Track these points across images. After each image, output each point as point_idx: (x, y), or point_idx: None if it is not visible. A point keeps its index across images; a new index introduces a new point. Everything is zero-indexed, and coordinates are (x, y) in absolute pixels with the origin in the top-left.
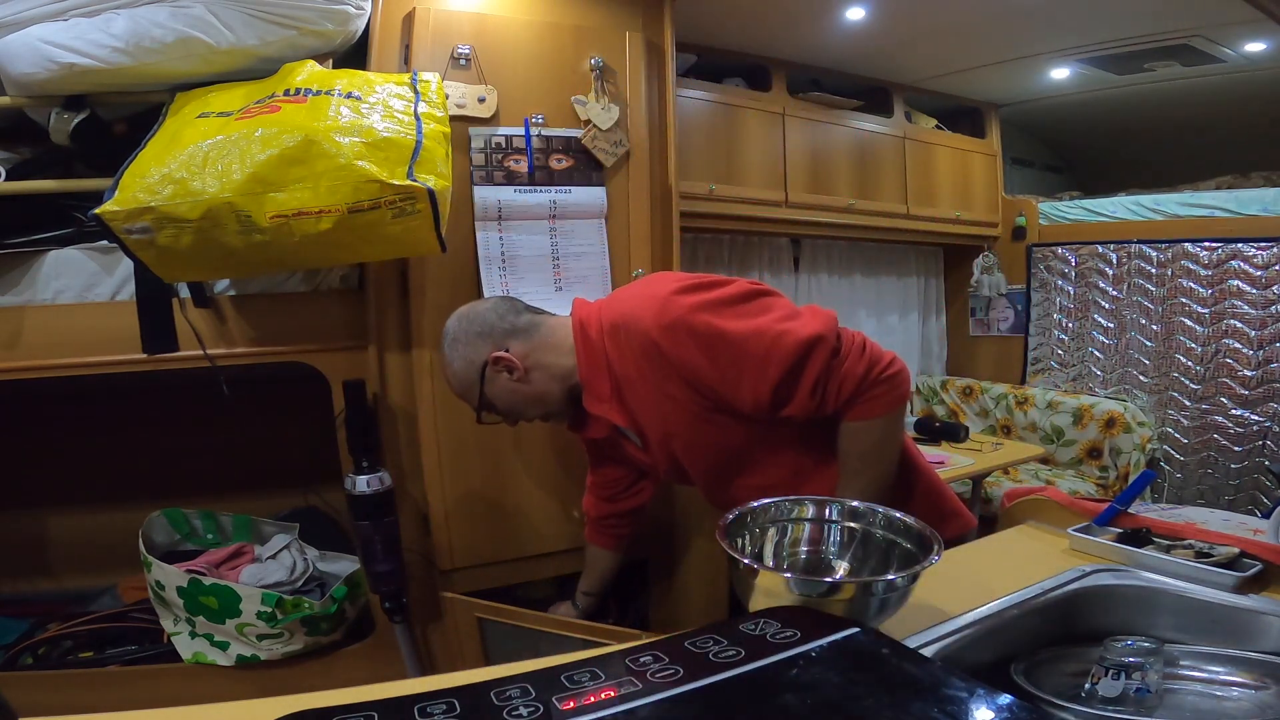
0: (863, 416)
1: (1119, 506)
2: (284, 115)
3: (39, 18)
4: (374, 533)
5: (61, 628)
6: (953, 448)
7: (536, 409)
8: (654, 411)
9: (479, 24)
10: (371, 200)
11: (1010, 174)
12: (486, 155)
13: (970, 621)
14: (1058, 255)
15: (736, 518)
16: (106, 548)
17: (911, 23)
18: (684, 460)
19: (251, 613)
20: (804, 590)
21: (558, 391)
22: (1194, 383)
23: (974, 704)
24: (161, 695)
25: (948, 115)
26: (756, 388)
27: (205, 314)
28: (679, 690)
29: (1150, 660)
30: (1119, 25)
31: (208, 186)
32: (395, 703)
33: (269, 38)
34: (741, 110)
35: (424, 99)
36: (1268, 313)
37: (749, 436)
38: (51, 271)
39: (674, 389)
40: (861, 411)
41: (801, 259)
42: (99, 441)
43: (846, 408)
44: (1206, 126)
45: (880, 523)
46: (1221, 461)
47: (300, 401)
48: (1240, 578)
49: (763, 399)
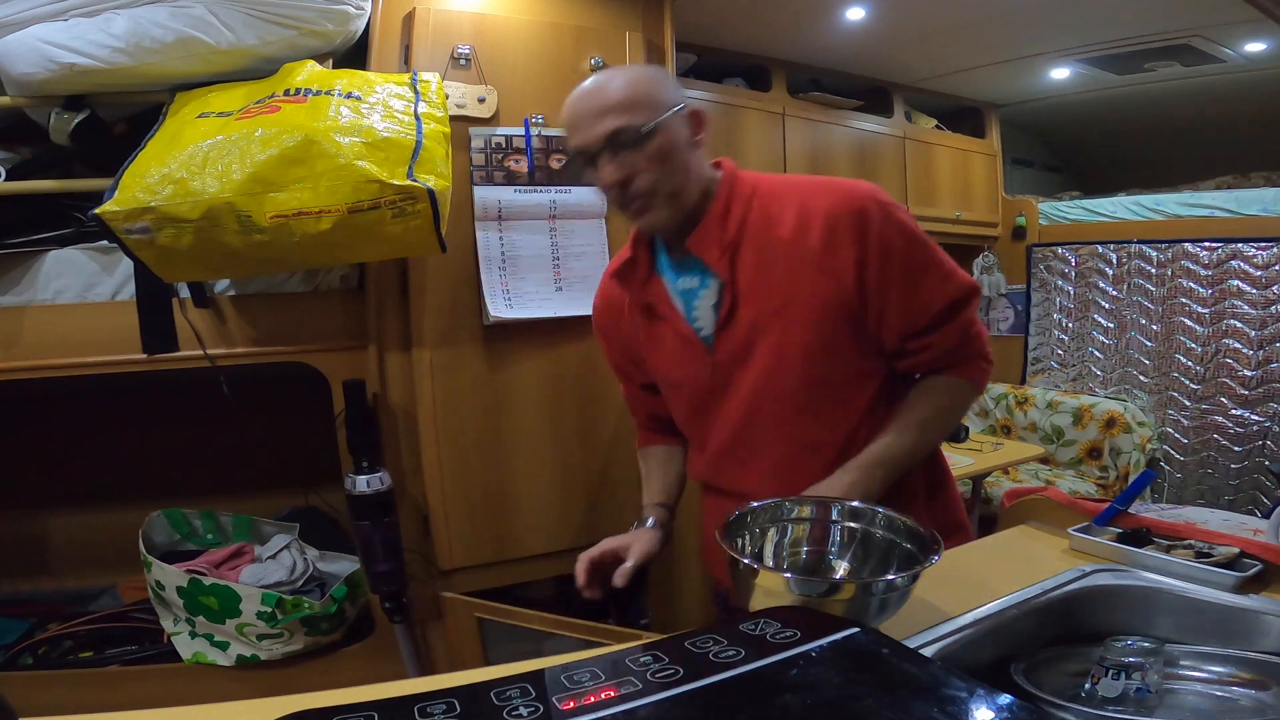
0: (966, 376)
1: (1119, 506)
2: (284, 115)
3: (39, 18)
4: (374, 533)
5: (61, 628)
6: (953, 448)
7: (675, 181)
8: (781, 277)
9: (479, 24)
10: (371, 200)
11: (1010, 174)
12: (486, 155)
13: (970, 621)
14: (1058, 255)
15: (736, 518)
16: (106, 548)
17: (911, 23)
18: (759, 357)
19: (251, 613)
20: (804, 590)
21: (694, 192)
22: (1194, 383)
23: (974, 704)
24: (161, 695)
25: (948, 115)
26: (931, 299)
27: (205, 314)
28: (679, 690)
29: (1150, 660)
30: (1119, 25)
31: (208, 186)
32: (395, 703)
33: (269, 38)
34: (741, 110)
35: (424, 99)
36: (1268, 313)
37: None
38: (51, 271)
39: (839, 262)
40: (968, 372)
41: None
42: (99, 441)
43: (957, 362)
44: (1206, 126)
45: (880, 523)
46: (1221, 461)
47: (300, 401)
48: (1240, 578)
49: (919, 319)
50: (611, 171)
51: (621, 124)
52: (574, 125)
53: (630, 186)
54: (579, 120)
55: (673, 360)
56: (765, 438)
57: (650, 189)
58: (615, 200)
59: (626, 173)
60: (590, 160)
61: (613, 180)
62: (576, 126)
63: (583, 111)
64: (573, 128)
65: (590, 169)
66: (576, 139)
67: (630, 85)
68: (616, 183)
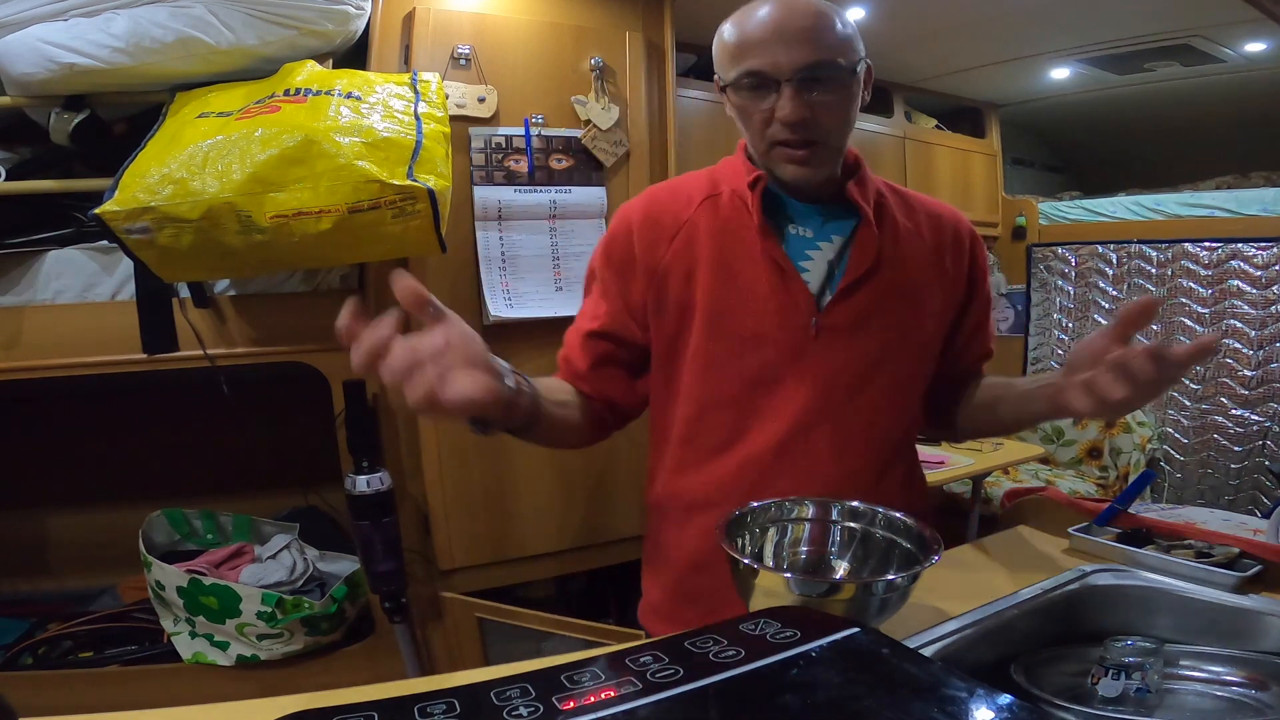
0: None
1: (1119, 506)
2: (284, 115)
3: (39, 18)
4: (374, 533)
5: (61, 628)
6: (953, 448)
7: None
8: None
9: (479, 24)
10: (371, 200)
11: (1010, 174)
12: (486, 155)
13: (970, 621)
14: (1058, 255)
15: (736, 518)
16: (106, 548)
17: (911, 23)
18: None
19: (251, 613)
20: (804, 590)
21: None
22: (1194, 383)
23: (974, 704)
24: (161, 695)
25: (948, 115)
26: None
27: (205, 314)
28: (679, 690)
29: (1150, 660)
30: (1119, 25)
31: (208, 186)
32: (395, 703)
33: (269, 38)
34: None
35: (424, 99)
36: (1268, 313)
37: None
38: (51, 271)
39: (957, 270)
40: None
41: None
42: (99, 441)
43: None
44: (1206, 126)
45: (880, 523)
46: (1221, 461)
47: (300, 401)
48: (1240, 578)
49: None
50: (798, 107)
51: (829, 57)
52: (763, 41)
53: (806, 129)
54: (774, 36)
55: (763, 308)
56: (851, 431)
57: (825, 137)
58: (773, 138)
59: (811, 111)
60: (764, 85)
61: (797, 117)
62: (766, 43)
63: (784, 29)
64: (759, 43)
65: (754, 94)
66: (761, 58)
67: (840, 19)
68: (798, 120)
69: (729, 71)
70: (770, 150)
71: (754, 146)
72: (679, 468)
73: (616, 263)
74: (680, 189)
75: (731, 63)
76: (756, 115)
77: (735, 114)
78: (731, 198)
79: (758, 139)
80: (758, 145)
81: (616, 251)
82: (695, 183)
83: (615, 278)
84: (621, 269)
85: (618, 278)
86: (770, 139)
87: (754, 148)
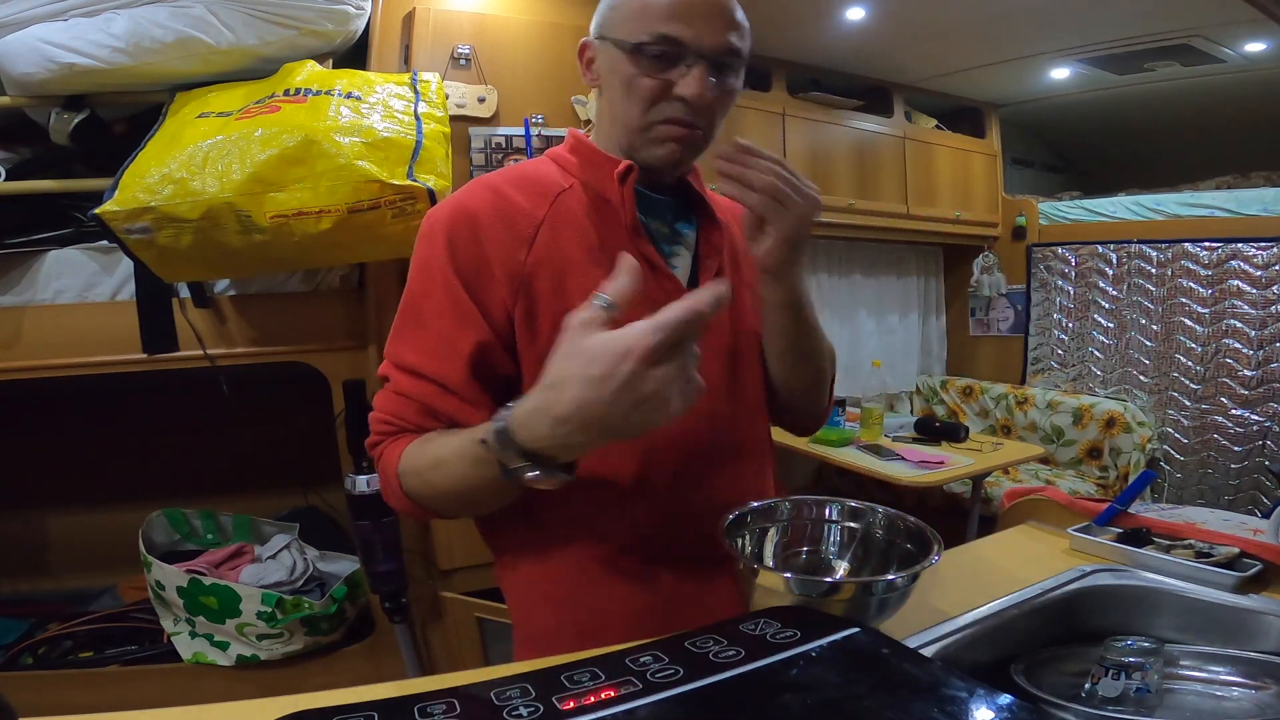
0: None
1: (1119, 506)
2: (284, 115)
3: (39, 18)
4: (374, 533)
5: (61, 628)
6: (953, 448)
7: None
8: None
9: (479, 24)
10: (371, 200)
11: (1010, 174)
12: (486, 155)
13: (970, 621)
14: (1058, 255)
15: (736, 518)
16: (106, 548)
17: (911, 23)
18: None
19: (251, 613)
20: (804, 590)
21: None
22: (1194, 383)
23: (974, 704)
24: (161, 695)
25: (948, 115)
26: None
27: (205, 314)
28: (679, 690)
29: (1150, 660)
30: (1119, 25)
31: (208, 186)
32: (395, 703)
33: (269, 38)
34: (741, 110)
35: (424, 99)
36: (1268, 313)
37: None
38: (51, 271)
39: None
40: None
41: None
42: (99, 441)
43: None
44: (1206, 126)
45: (880, 523)
46: (1221, 461)
47: (300, 401)
48: (1240, 578)
49: None
50: (709, 89)
51: (741, 46)
52: (689, 8)
53: (701, 113)
54: (701, 6)
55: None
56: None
57: (709, 126)
58: (662, 114)
59: (711, 97)
60: (675, 56)
61: (705, 99)
62: (693, 12)
63: (713, 5)
64: (684, 9)
65: (658, 62)
66: (684, 26)
67: (743, 13)
68: (703, 103)
69: (635, 32)
70: (650, 128)
71: (626, 122)
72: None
73: (468, 273)
74: (525, 181)
75: (641, 23)
76: (649, 85)
77: (615, 81)
78: (586, 192)
79: (638, 114)
80: (634, 121)
81: (465, 259)
82: (540, 174)
83: (469, 292)
84: (476, 279)
85: (472, 291)
86: (658, 115)
87: (626, 124)
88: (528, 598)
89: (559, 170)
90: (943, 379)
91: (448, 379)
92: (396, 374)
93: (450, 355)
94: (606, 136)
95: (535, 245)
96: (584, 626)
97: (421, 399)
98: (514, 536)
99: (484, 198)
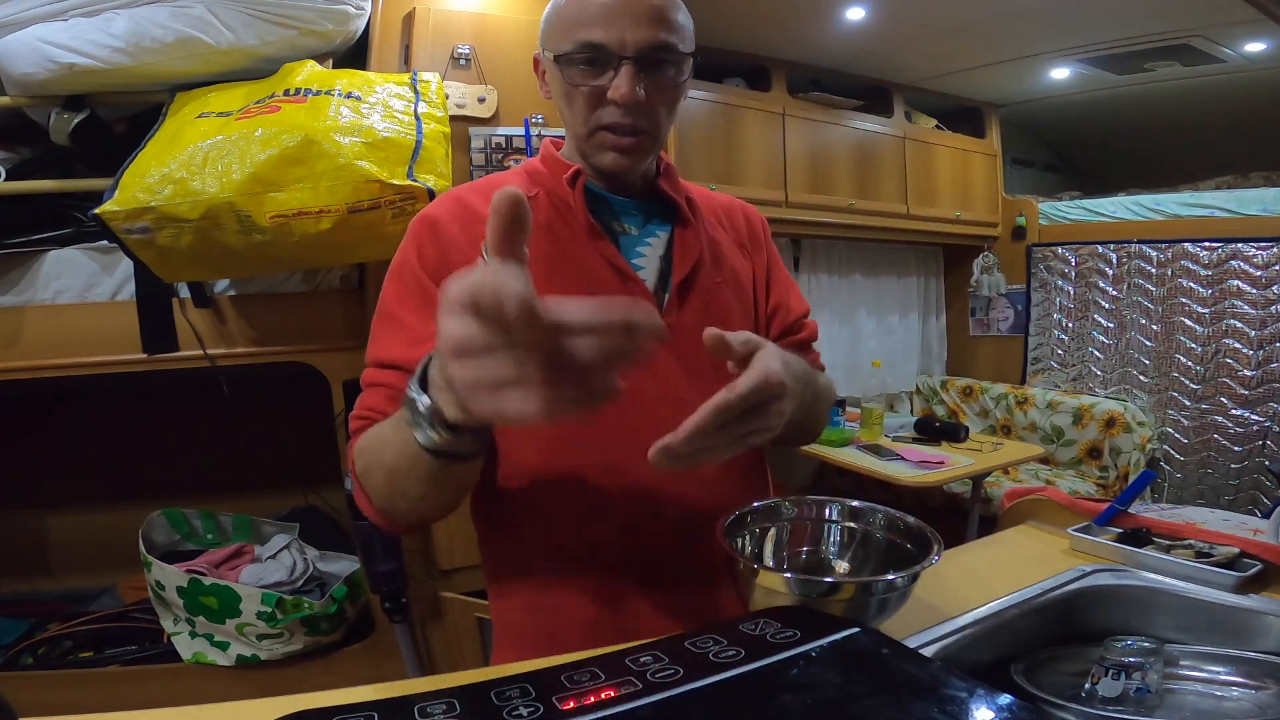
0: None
1: (1119, 506)
2: (284, 115)
3: (39, 18)
4: (374, 532)
5: (61, 628)
6: (953, 448)
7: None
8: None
9: (479, 24)
10: (371, 200)
11: (1010, 174)
12: (486, 155)
13: (970, 621)
14: (1058, 255)
15: (736, 518)
16: (106, 548)
17: (911, 23)
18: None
19: (251, 613)
20: (804, 590)
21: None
22: (1194, 383)
23: (974, 704)
24: (161, 695)
25: (948, 115)
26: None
27: (205, 314)
28: (679, 690)
29: (1150, 660)
30: (1119, 25)
31: (208, 186)
32: (395, 703)
33: (269, 38)
34: (741, 110)
35: (424, 99)
36: (1268, 313)
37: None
38: (51, 271)
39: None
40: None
41: (801, 259)
42: (99, 441)
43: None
44: (1206, 126)
45: (880, 523)
46: (1221, 461)
47: (300, 401)
48: (1240, 578)
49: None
50: (637, 90)
51: (673, 40)
52: (608, 11)
53: (638, 114)
54: (620, 8)
55: None
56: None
57: (653, 126)
58: (599, 121)
59: (646, 95)
60: (601, 60)
61: (633, 98)
62: (612, 15)
63: (631, 3)
64: (603, 14)
65: (587, 69)
66: (604, 30)
67: (680, 5)
68: (634, 103)
69: (562, 42)
70: (592, 136)
71: (573, 131)
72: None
73: (434, 269)
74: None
75: (566, 32)
76: (584, 93)
77: (558, 93)
78: (550, 199)
79: (580, 122)
80: (578, 129)
81: (430, 259)
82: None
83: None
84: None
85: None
86: (596, 122)
87: (573, 132)
88: (505, 600)
89: (527, 179)
90: (943, 379)
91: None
92: (372, 371)
93: (424, 341)
94: (570, 146)
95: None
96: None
97: (391, 384)
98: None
99: (447, 207)
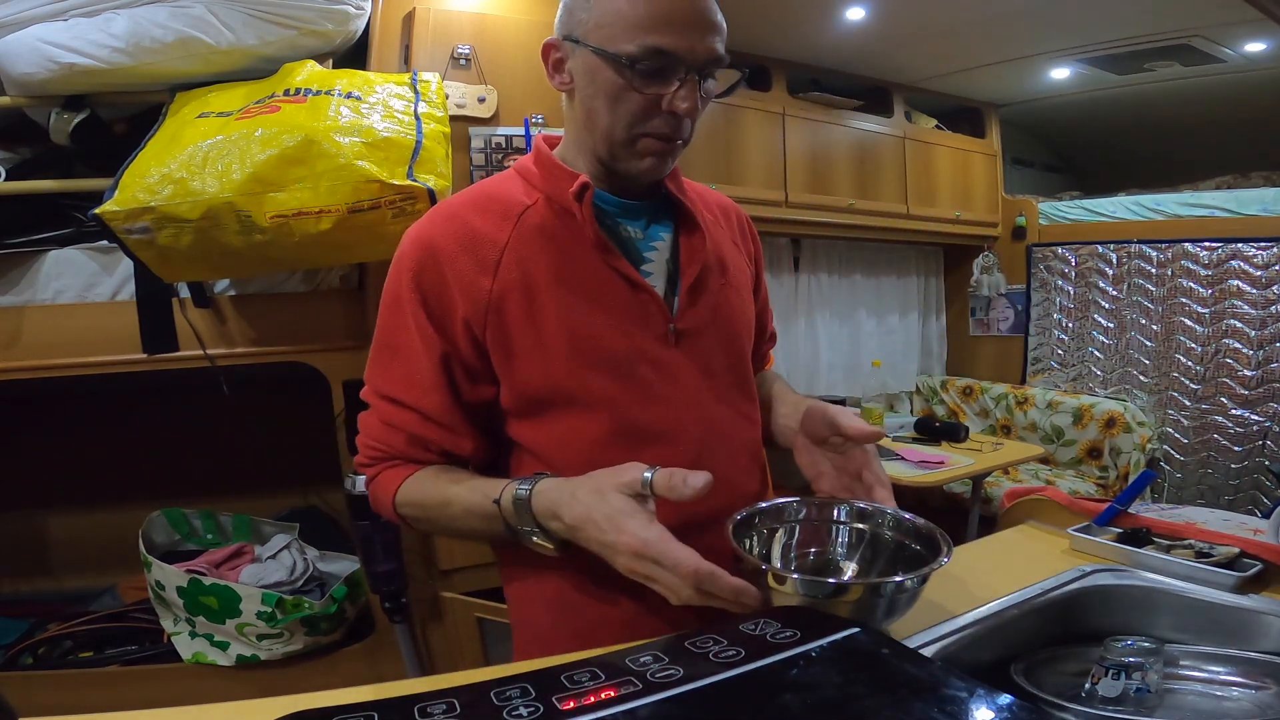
0: None
1: (1119, 506)
2: (284, 115)
3: (39, 18)
4: (374, 533)
5: (61, 628)
6: (953, 448)
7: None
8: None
9: (479, 24)
10: (371, 200)
11: (1010, 174)
12: (486, 155)
13: (970, 621)
14: (1058, 255)
15: (744, 518)
16: (106, 548)
17: (911, 23)
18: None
19: (251, 613)
20: (811, 591)
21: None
22: (1194, 383)
23: (974, 704)
24: (161, 695)
25: (948, 115)
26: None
27: (205, 314)
28: (679, 690)
29: (1150, 660)
30: (1119, 25)
31: (208, 186)
32: (395, 703)
33: (269, 38)
34: (741, 110)
35: (424, 99)
36: (1268, 313)
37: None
38: (51, 271)
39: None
40: None
41: (801, 259)
42: (99, 442)
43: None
44: (1206, 126)
45: (889, 524)
46: (1221, 461)
47: (300, 401)
48: (1240, 578)
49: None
50: (695, 101)
51: (723, 54)
52: (682, 19)
53: (684, 125)
54: (693, 17)
55: (625, 326)
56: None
57: (691, 133)
58: (648, 129)
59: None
60: (669, 69)
61: (695, 112)
62: (686, 23)
63: (700, 11)
64: (678, 20)
65: (651, 77)
66: (679, 38)
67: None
68: (690, 113)
69: (623, 41)
70: (634, 141)
71: (608, 133)
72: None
73: (434, 306)
74: (488, 202)
75: (629, 32)
76: (638, 99)
77: (600, 90)
78: (550, 206)
79: (623, 126)
80: (617, 133)
81: (430, 293)
82: (502, 192)
83: (436, 325)
84: (441, 311)
85: (439, 325)
86: (643, 128)
87: (607, 134)
88: (528, 599)
89: (523, 185)
90: (943, 379)
91: (427, 408)
92: (378, 402)
93: (427, 387)
94: (577, 143)
95: (500, 270)
96: (581, 629)
97: (406, 428)
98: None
99: (445, 228)
